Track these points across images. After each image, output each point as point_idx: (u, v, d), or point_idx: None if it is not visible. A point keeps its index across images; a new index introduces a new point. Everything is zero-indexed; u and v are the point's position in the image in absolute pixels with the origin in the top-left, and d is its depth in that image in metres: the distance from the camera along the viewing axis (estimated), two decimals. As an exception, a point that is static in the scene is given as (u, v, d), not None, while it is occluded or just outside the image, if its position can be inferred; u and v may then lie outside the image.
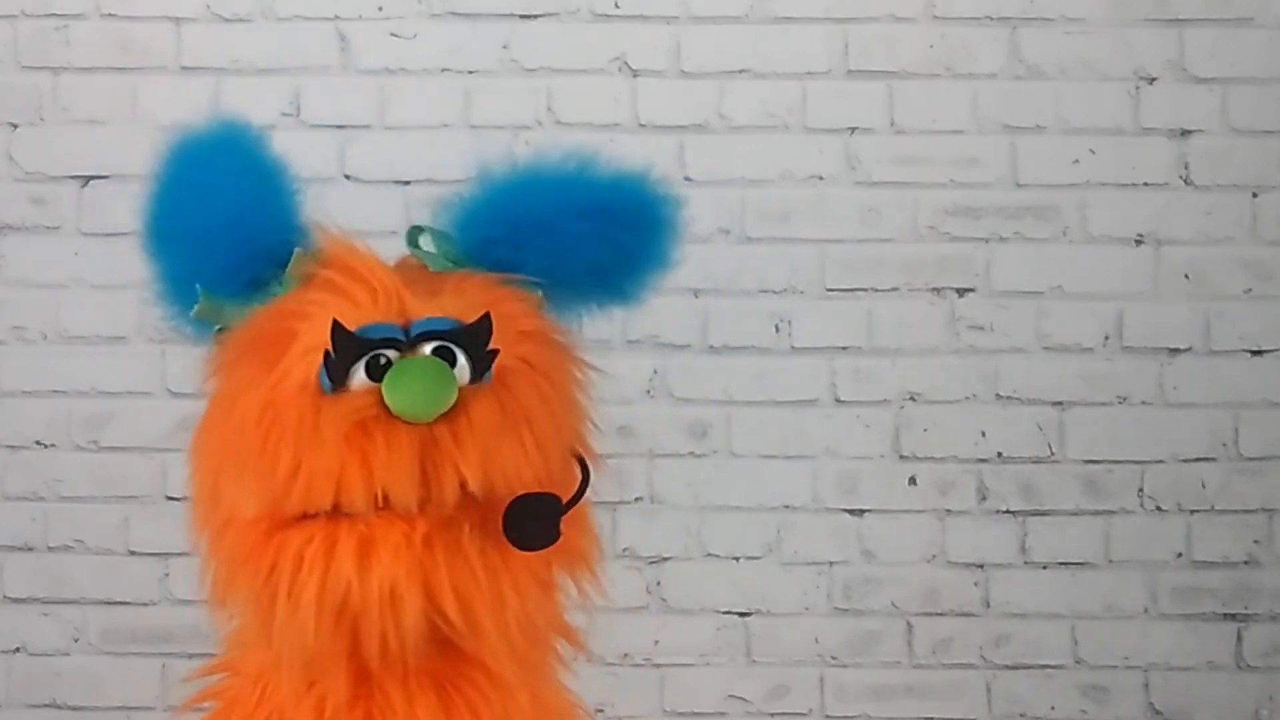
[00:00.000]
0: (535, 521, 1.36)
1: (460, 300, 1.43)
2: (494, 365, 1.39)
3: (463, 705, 1.38)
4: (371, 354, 1.36)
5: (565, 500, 1.39)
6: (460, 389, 1.36)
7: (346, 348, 1.35)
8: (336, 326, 1.35)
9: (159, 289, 1.53)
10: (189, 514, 1.47)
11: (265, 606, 1.34)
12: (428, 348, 1.38)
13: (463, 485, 1.34)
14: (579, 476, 1.45)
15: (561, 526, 1.39)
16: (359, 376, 1.36)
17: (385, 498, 1.33)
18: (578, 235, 1.49)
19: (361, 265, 1.45)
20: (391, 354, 1.37)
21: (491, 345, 1.39)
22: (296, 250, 1.45)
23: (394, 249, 1.55)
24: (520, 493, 1.37)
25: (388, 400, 1.34)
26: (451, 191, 1.56)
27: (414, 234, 1.55)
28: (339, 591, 1.30)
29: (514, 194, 1.52)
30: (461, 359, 1.38)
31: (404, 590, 1.30)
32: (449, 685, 1.38)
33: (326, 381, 1.35)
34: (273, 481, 1.34)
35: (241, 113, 1.57)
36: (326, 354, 1.36)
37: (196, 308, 1.47)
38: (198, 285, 1.46)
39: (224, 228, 1.44)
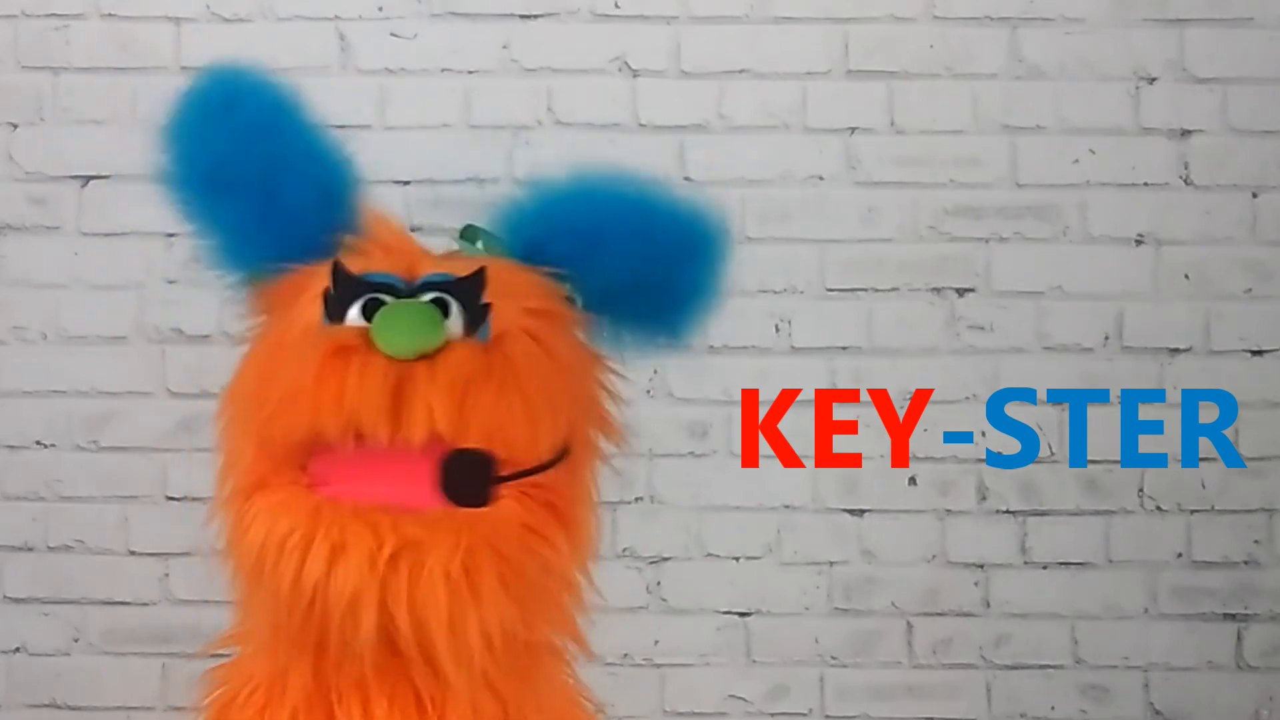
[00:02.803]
0: (466, 477, 1.36)
1: (469, 264, 1.44)
2: (495, 330, 1.39)
3: (433, 707, 1.39)
4: (370, 297, 1.38)
5: (515, 471, 1.38)
6: (452, 340, 1.36)
7: (344, 285, 1.38)
8: (337, 264, 1.39)
9: (206, 243, 1.53)
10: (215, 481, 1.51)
11: (251, 583, 1.39)
12: (425, 298, 1.39)
13: (431, 426, 1.34)
14: (550, 460, 1.43)
15: (556, 546, 1.39)
16: (353, 316, 1.38)
17: (356, 428, 1.33)
18: (626, 254, 1.49)
19: (385, 231, 1.49)
20: (388, 300, 1.39)
21: (488, 300, 1.39)
22: (346, 238, 1.47)
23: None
24: (458, 448, 1.36)
25: (373, 331, 1.35)
26: (508, 192, 1.57)
27: (470, 233, 1.55)
28: (309, 588, 1.33)
29: (569, 202, 1.53)
30: (455, 311, 1.39)
31: (362, 602, 1.32)
32: (426, 685, 1.39)
33: (325, 320, 1.38)
34: (262, 413, 1.38)
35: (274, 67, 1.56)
36: (326, 290, 1.39)
37: (243, 275, 1.50)
38: (244, 254, 1.48)
39: (283, 201, 1.45)
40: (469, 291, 1.39)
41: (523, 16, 2.30)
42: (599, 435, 1.55)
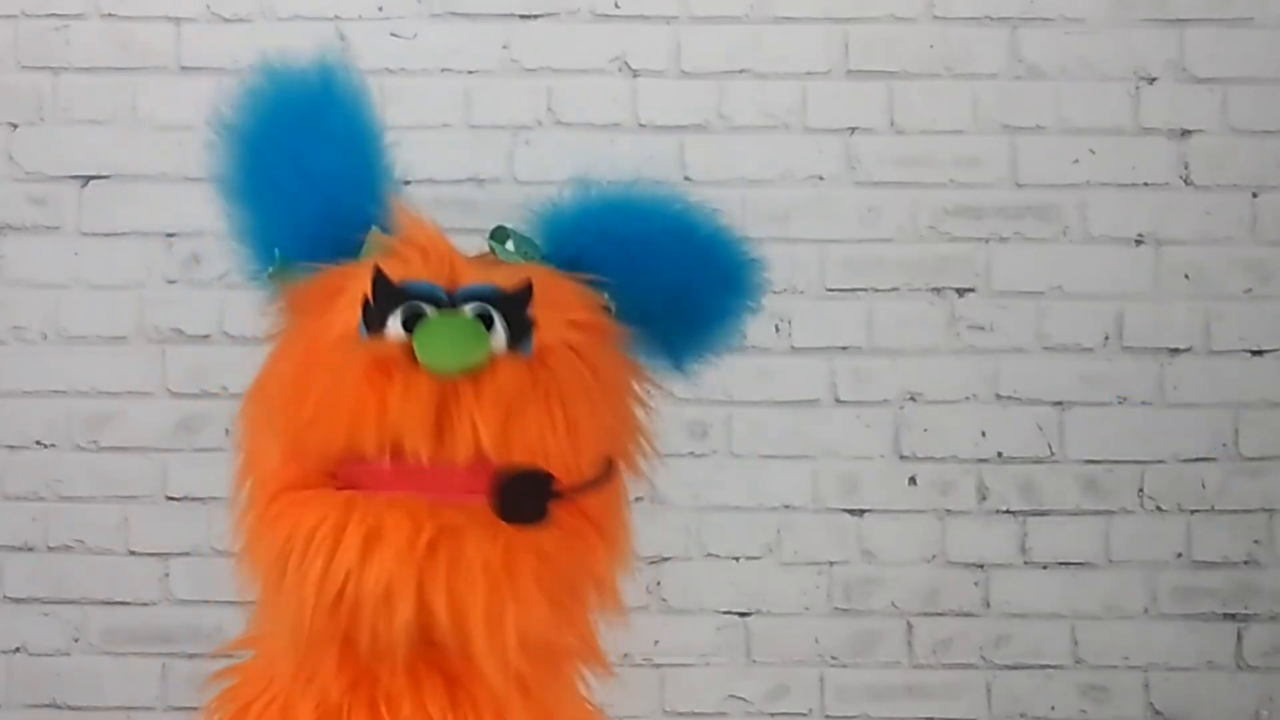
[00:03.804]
0: (526, 498, 1.33)
1: (513, 274, 1.41)
2: (537, 344, 1.37)
3: (467, 704, 1.36)
4: (410, 307, 1.35)
5: (569, 486, 1.36)
6: (494, 355, 1.34)
7: (385, 295, 1.35)
8: (378, 272, 1.35)
9: (238, 237, 1.50)
10: (234, 478, 1.46)
11: (274, 581, 1.33)
12: (468, 310, 1.36)
13: (476, 446, 1.31)
14: (601, 473, 1.41)
15: (593, 550, 1.38)
16: (394, 326, 1.34)
17: (395, 444, 1.31)
18: (664, 272, 1.48)
19: (421, 233, 1.45)
20: (430, 310, 1.35)
21: (533, 315, 1.37)
22: (373, 229, 1.44)
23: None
24: (516, 467, 1.33)
25: (416, 347, 1.31)
26: (546, 197, 1.54)
27: (499, 234, 1.52)
28: (339, 579, 1.28)
29: (612, 213, 1.50)
30: (499, 325, 1.36)
31: (399, 591, 1.28)
32: (457, 682, 1.35)
33: (363, 328, 1.34)
34: (296, 421, 1.33)
35: (339, 56, 1.54)
36: (365, 299, 1.35)
37: (272, 270, 1.45)
38: (276, 250, 1.44)
39: (320, 196, 1.43)
40: (515, 306, 1.37)
41: (523, 16, 2.30)
42: (634, 447, 1.53)
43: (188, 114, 2.27)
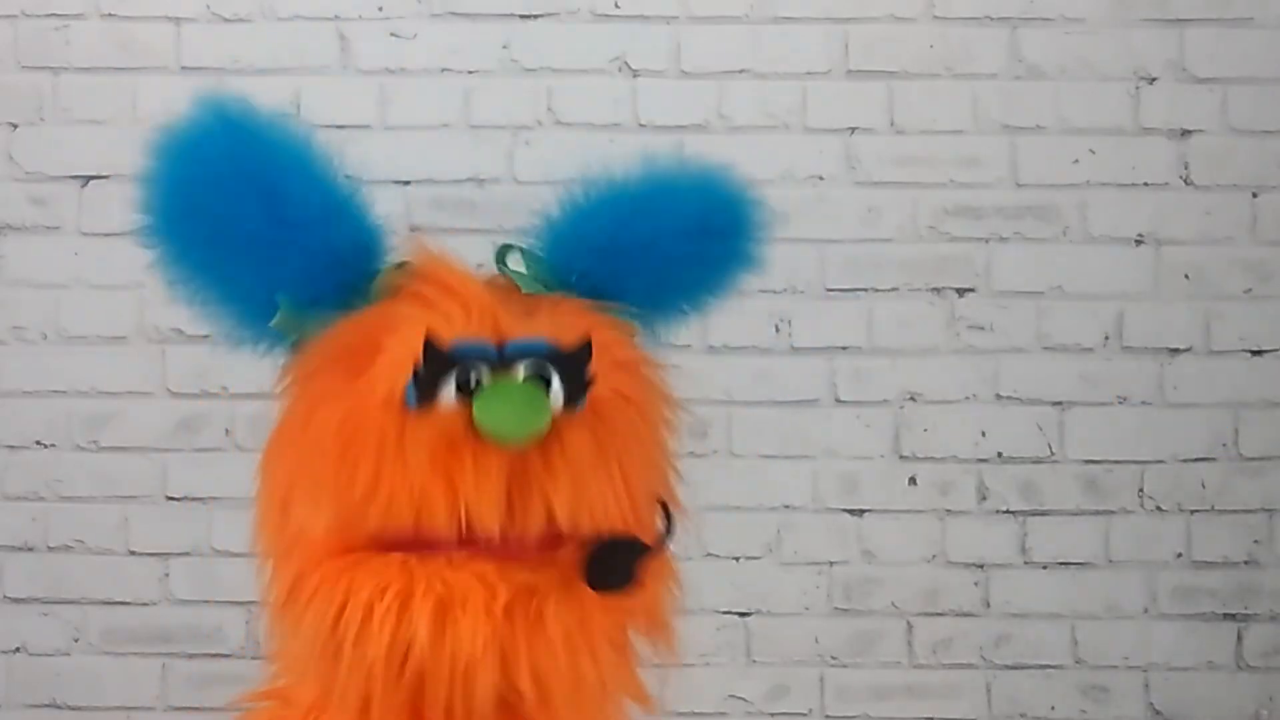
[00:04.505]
0: (617, 566, 1.29)
1: (556, 322, 1.35)
2: (590, 395, 1.32)
3: None
4: (462, 370, 1.29)
5: (649, 546, 1.32)
6: (553, 416, 1.29)
7: (438, 363, 1.28)
8: (429, 341, 1.28)
9: (201, 297, 1.38)
10: (256, 526, 1.39)
11: (330, 648, 1.27)
12: (521, 369, 1.31)
13: (549, 518, 1.27)
14: (661, 522, 1.37)
15: (651, 594, 1.34)
16: (447, 394, 1.28)
17: (467, 523, 1.26)
18: (673, 256, 1.45)
19: (454, 279, 1.38)
20: (483, 372, 1.30)
21: (589, 373, 1.32)
22: (386, 263, 1.39)
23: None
24: (604, 534, 1.29)
25: (479, 420, 1.26)
26: (540, 214, 1.49)
27: (502, 252, 1.46)
28: (409, 652, 1.23)
29: (603, 216, 1.45)
30: (556, 384, 1.31)
31: (479, 664, 1.22)
32: None
33: (413, 397, 1.28)
34: (349, 497, 1.27)
35: (246, 102, 1.41)
36: (416, 368, 1.28)
37: (276, 319, 1.36)
38: (278, 296, 1.35)
39: (298, 235, 1.34)
40: (573, 366, 1.31)
41: (523, 16, 2.30)
42: (671, 475, 1.48)
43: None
